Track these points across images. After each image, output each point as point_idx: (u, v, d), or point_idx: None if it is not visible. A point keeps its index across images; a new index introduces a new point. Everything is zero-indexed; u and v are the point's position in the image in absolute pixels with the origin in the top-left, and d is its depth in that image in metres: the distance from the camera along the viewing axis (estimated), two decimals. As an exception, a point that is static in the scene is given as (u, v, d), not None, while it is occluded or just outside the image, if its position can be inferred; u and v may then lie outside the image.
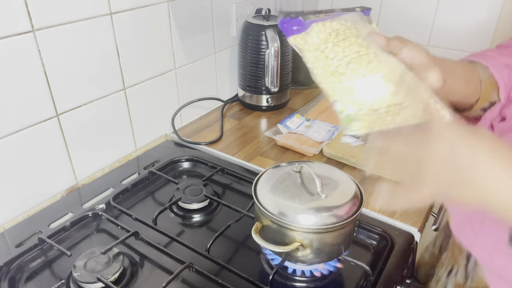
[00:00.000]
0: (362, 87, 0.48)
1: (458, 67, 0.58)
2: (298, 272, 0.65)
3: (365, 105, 0.47)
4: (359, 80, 0.48)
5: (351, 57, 0.48)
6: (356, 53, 0.48)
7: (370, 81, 0.47)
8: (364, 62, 0.48)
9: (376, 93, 0.47)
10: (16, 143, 0.72)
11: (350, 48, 0.49)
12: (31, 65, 0.70)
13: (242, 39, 1.11)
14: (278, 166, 0.66)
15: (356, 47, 0.49)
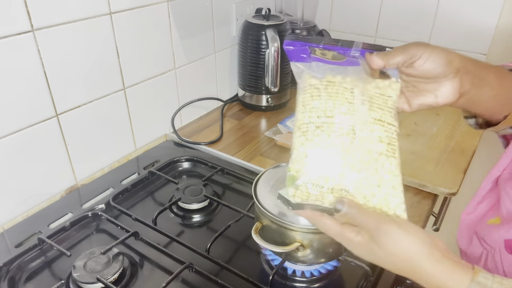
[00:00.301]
0: (316, 157, 0.45)
1: (491, 77, 0.52)
2: (298, 273, 0.65)
3: (311, 176, 0.45)
4: (317, 148, 0.45)
5: (323, 121, 0.46)
6: (330, 118, 0.46)
7: (324, 155, 0.45)
8: (332, 132, 0.45)
9: (326, 170, 0.45)
10: (16, 143, 0.71)
11: (330, 110, 0.46)
12: (30, 65, 0.70)
13: (242, 39, 1.11)
14: (278, 166, 0.66)
15: (336, 113, 0.46)
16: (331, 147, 0.45)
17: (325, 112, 0.46)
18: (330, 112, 0.46)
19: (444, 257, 0.43)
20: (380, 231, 0.44)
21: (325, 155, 0.45)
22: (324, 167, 0.45)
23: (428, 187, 0.82)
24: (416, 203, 0.79)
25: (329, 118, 0.46)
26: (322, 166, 0.45)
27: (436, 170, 0.86)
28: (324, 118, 0.46)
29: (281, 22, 1.08)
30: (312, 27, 1.27)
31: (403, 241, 0.43)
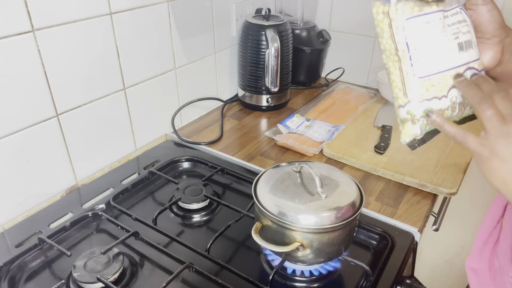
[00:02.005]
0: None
1: None
2: (298, 272, 0.65)
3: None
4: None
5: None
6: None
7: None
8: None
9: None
10: (16, 143, 0.72)
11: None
12: (31, 65, 0.70)
13: (242, 39, 1.11)
14: (278, 166, 0.66)
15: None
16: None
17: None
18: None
19: None
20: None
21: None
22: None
23: (428, 187, 0.82)
24: (416, 203, 0.79)
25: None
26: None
27: (436, 170, 0.86)
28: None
29: (281, 22, 1.08)
30: (312, 27, 1.27)
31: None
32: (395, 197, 0.81)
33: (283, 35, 1.08)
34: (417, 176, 0.83)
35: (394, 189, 0.83)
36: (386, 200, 0.80)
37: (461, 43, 0.49)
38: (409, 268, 0.73)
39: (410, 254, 0.70)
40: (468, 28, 0.49)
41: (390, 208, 0.78)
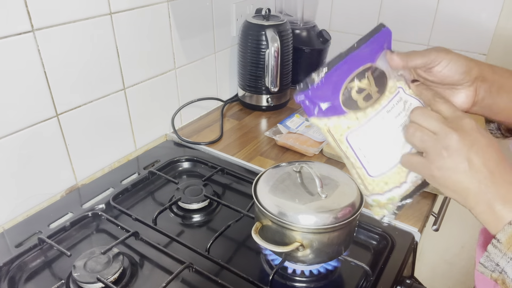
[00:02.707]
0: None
1: (511, 84, 0.52)
2: (298, 272, 0.65)
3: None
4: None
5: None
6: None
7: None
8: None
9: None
10: (16, 143, 0.71)
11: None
12: (31, 65, 0.70)
13: (242, 39, 1.11)
14: (278, 166, 0.66)
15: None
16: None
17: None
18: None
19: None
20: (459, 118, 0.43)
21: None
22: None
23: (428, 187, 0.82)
24: (416, 203, 0.79)
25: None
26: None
27: (436, 170, 0.86)
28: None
29: (281, 22, 1.08)
30: (312, 27, 1.27)
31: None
32: (395, 197, 0.81)
33: (283, 35, 1.08)
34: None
35: (394, 189, 0.83)
36: (386, 200, 0.80)
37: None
38: (409, 268, 0.73)
39: (410, 254, 0.70)
40: (414, 105, 0.48)
41: (390, 208, 0.78)
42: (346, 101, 0.46)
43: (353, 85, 0.46)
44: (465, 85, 0.50)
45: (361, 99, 0.46)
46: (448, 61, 0.48)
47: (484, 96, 0.51)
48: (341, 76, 0.46)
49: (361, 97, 0.46)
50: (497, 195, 0.42)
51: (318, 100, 0.46)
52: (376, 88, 0.47)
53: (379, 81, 0.47)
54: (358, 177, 0.49)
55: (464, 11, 1.11)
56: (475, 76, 0.49)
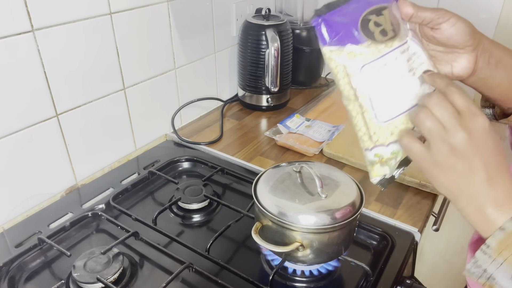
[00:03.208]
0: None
1: (509, 60, 0.52)
2: (298, 272, 0.65)
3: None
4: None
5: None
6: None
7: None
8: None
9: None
10: (15, 143, 0.71)
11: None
12: (30, 65, 0.70)
13: (242, 39, 1.11)
14: (278, 166, 0.66)
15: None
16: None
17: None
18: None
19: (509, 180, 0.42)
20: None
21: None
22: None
23: (428, 187, 0.82)
24: (416, 203, 0.79)
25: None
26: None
27: (436, 170, 0.86)
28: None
29: (281, 22, 1.08)
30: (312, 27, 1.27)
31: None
32: (395, 197, 0.81)
33: (283, 35, 1.08)
34: (417, 176, 0.83)
35: (394, 189, 0.83)
36: (386, 200, 0.80)
37: (420, 77, 0.47)
38: (409, 268, 0.73)
39: (410, 254, 0.70)
40: (421, 60, 0.48)
41: (390, 208, 0.78)
42: (365, 30, 0.45)
43: (371, 17, 0.45)
44: (468, 49, 0.50)
45: (378, 32, 0.45)
46: (456, 20, 0.48)
47: (482, 67, 0.51)
48: (360, 6, 0.45)
49: (378, 30, 0.45)
50: (490, 198, 0.42)
51: (336, 25, 0.44)
52: (391, 27, 0.46)
53: (395, 21, 0.47)
54: (364, 123, 0.48)
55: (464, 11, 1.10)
56: (478, 42, 0.49)
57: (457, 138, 0.42)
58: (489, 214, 0.42)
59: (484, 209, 0.42)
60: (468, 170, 0.42)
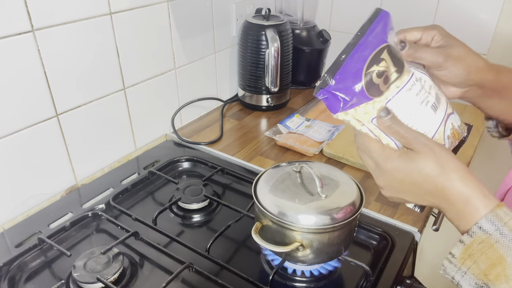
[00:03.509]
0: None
1: (510, 93, 0.52)
2: (298, 272, 0.65)
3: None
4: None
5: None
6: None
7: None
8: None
9: None
10: (16, 143, 0.71)
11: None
12: (31, 65, 0.70)
13: (242, 39, 1.11)
14: (278, 166, 0.66)
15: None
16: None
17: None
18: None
19: (479, 180, 0.44)
20: (417, 140, 0.45)
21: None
22: None
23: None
24: (416, 203, 0.79)
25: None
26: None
27: (436, 170, 0.86)
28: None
29: (281, 22, 1.08)
30: (312, 27, 1.27)
31: (439, 150, 0.44)
32: (395, 197, 0.81)
33: (283, 35, 1.08)
34: (417, 176, 0.83)
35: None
36: (386, 200, 0.80)
37: (433, 103, 0.48)
38: (409, 268, 0.73)
39: (410, 254, 0.70)
40: (429, 84, 0.48)
41: (390, 208, 0.78)
42: (370, 88, 0.45)
43: (373, 69, 0.45)
44: (457, 88, 0.51)
45: (382, 82, 0.45)
46: (453, 71, 0.49)
47: (472, 96, 0.52)
48: (358, 63, 0.45)
49: (382, 80, 0.45)
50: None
51: (342, 93, 0.44)
52: (394, 68, 0.46)
53: (397, 60, 0.47)
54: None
55: (464, 11, 1.11)
56: (471, 84, 0.50)
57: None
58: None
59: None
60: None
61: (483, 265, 0.41)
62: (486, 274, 0.41)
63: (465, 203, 0.43)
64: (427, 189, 0.45)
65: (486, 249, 0.41)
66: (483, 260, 0.41)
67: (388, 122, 0.45)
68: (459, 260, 0.43)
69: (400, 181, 0.46)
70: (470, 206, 0.42)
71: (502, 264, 0.40)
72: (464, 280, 0.43)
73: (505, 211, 0.41)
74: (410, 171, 0.45)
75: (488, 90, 0.51)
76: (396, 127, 0.45)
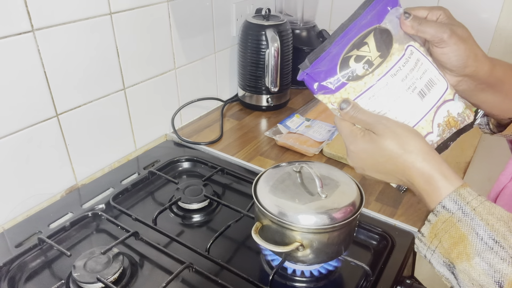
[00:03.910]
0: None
1: (504, 86, 0.52)
2: (298, 272, 0.65)
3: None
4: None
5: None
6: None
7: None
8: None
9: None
10: (15, 143, 0.71)
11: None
12: (31, 65, 0.70)
13: (242, 39, 1.11)
14: (278, 166, 0.66)
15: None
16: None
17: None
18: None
19: (441, 161, 0.45)
20: (379, 123, 0.46)
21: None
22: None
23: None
24: (416, 203, 0.79)
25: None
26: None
27: (436, 170, 0.86)
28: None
29: (281, 22, 1.08)
30: (312, 27, 1.27)
31: (402, 131, 0.46)
32: (395, 197, 0.81)
33: (283, 35, 1.08)
34: (417, 176, 0.83)
35: (394, 189, 0.83)
36: (386, 200, 0.80)
37: (421, 90, 0.47)
38: (409, 268, 0.73)
39: (410, 254, 0.70)
40: (424, 68, 0.48)
41: (390, 208, 0.78)
42: (344, 72, 0.46)
43: (352, 53, 0.46)
44: (453, 74, 0.50)
45: (360, 67, 0.46)
46: (454, 50, 0.48)
47: (465, 89, 0.51)
48: (340, 48, 0.46)
49: (361, 64, 0.46)
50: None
51: (318, 77, 0.47)
52: (377, 53, 0.47)
53: (382, 44, 0.47)
54: None
55: (465, 10, 1.11)
56: (466, 74, 0.50)
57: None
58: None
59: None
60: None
61: (447, 243, 0.42)
62: (449, 253, 0.42)
63: (427, 183, 0.44)
64: (390, 169, 0.47)
65: (449, 227, 0.42)
66: (446, 239, 0.42)
67: (350, 112, 0.48)
68: (427, 239, 0.44)
69: (365, 160, 0.49)
70: (431, 186, 0.44)
71: (463, 242, 0.41)
72: (434, 258, 0.44)
73: (469, 191, 0.43)
74: (372, 152, 0.47)
75: (481, 83, 0.50)
76: (359, 116, 0.48)
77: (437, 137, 0.49)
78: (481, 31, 1.10)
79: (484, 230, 0.40)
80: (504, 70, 0.51)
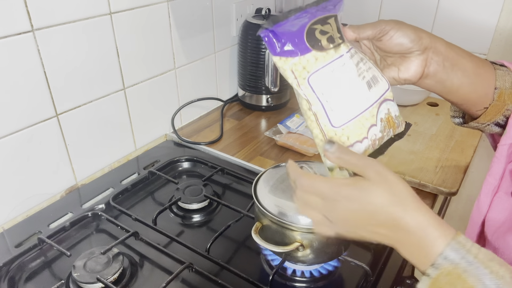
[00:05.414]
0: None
1: (466, 63, 0.51)
2: (298, 273, 0.65)
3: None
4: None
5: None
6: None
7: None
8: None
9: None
10: (15, 143, 0.71)
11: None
12: (31, 65, 0.70)
13: (242, 39, 1.11)
14: (278, 166, 0.66)
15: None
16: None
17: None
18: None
19: (430, 211, 0.43)
20: (370, 166, 0.42)
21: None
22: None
23: (428, 187, 0.82)
24: (416, 203, 0.79)
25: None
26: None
27: (436, 170, 0.86)
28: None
29: (281, 22, 1.08)
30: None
31: (392, 178, 0.42)
32: (395, 197, 0.81)
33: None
34: (417, 176, 0.83)
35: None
36: (386, 200, 0.80)
37: (368, 81, 0.48)
38: (409, 268, 0.73)
39: (410, 254, 0.70)
40: (368, 65, 0.49)
41: (390, 208, 0.78)
42: (310, 39, 0.46)
43: (317, 27, 0.46)
44: (415, 53, 0.50)
45: (325, 40, 0.47)
46: (396, 30, 0.49)
47: (436, 69, 0.51)
48: (306, 18, 0.46)
49: (325, 38, 0.47)
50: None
51: (282, 37, 0.45)
52: (338, 34, 0.48)
53: (340, 30, 0.49)
54: (320, 130, 0.47)
55: (464, 11, 1.11)
56: (426, 46, 0.50)
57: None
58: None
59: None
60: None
61: None
62: None
63: (422, 232, 0.40)
64: (380, 220, 0.42)
65: (455, 280, 0.38)
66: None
67: (336, 153, 0.43)
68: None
69: (353, 211, 0.42)
70: (427, 235, 0.40)
71: None
72: None
73: (464, 238, 0.40)
74: (363, 201, 0.42)
75: (447, 60, 0.50)
76: (345, 157, 0.43)
77: (379, 133, 0.49)
78: (481, 31, 1.10)
79: (490, 279, 0.37)
80: (457, 47, 0.52)
